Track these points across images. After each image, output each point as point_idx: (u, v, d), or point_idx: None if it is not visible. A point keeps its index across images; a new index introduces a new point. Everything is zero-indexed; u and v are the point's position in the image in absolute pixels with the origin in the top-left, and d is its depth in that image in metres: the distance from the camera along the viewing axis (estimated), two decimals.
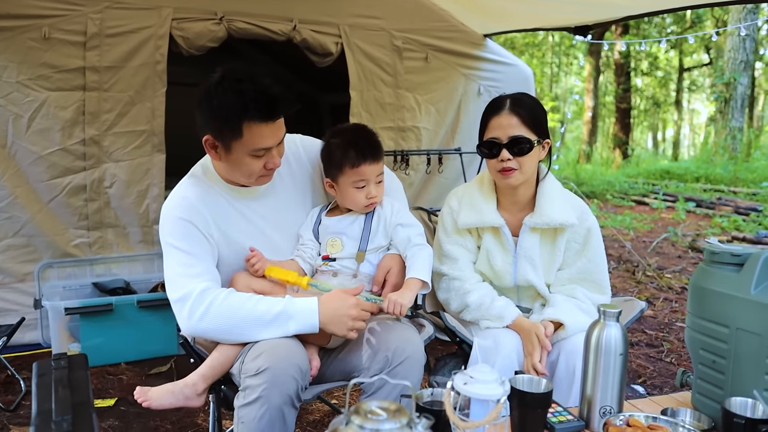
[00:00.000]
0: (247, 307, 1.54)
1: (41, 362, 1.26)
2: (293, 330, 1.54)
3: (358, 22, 3.70)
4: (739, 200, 8.97)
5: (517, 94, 1.83)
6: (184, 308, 1.53)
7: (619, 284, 4.86)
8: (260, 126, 1.53)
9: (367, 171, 1.68)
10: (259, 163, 1.59)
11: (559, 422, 1.38)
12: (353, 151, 1.66)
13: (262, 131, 1.54)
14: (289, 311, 1.54)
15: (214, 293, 1.54)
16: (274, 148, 1.60)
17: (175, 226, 1.61)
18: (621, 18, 3.59)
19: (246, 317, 1.53)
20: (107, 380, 2.90)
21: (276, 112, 1.54)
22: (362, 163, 1.67)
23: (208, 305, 1.52)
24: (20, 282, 3.15)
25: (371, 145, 1.70)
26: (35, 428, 1.03)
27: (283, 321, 1.53)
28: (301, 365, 1.48)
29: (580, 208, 1.88)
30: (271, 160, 1.60)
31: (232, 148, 1.57)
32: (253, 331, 1.54)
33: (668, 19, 17.31)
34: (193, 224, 1.61)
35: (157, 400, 1.57)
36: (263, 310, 1.54)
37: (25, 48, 2.97)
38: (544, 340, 1.71)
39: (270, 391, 1.42)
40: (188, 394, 1.58)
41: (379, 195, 1.73)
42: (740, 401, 1.29)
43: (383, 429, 0.83)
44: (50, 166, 3.10)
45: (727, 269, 1.39)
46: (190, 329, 1.55)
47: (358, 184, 1.68)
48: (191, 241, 1.60)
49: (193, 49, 3.32)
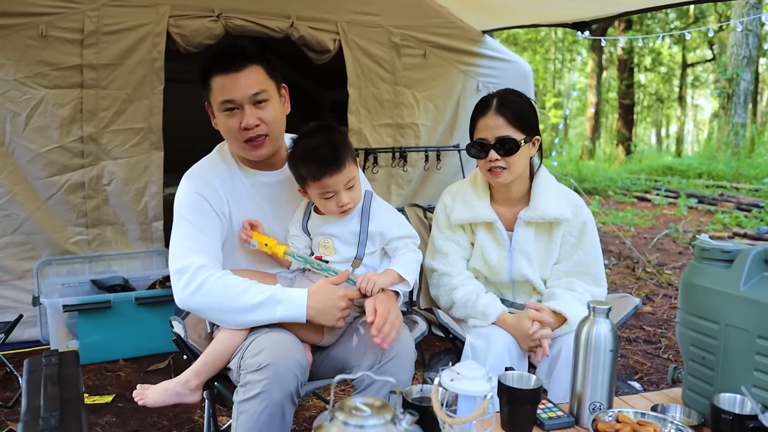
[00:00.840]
0: (239, 289, 1.55)
1: (32, 359, 1.27)
2: (279, 315, 1.56)
3: (356, 19, 3.69)
4: (741, 196, 8.94)
5: (504, 92, 1.83)
6: (180, 280, 1.55)
7: (618, 281, 4.86)
8: (223, 77, 1.58)
9: (331, 182, 1.59)
10: (233, 121, 1.61)
11: (549, 418, 1.38)
12: (313, 164, 1.59)
13: (224, 83, 1.58)
14: (277, 296, 1.56)
15: (211, 271, 1.56)
16: (247, 107, 1.59)
17: (189, 198, 1.64)
18: (620, 14, 3.58)
19: (236, 297, 1.54)
20: (105, 377, 2.91)
21: (234, 61, 1.58)
22: (323, 175, 1.58)
23: (202, 281, 1.54)
24: (19, 279, 3.16)
25: (332, 154, 1.58)
26: (24, 424, 1.03)
27: (271, 305, 1.55)
28: (302, 362, 1.50)
29: (574, 202, 1.89)
30: (245, 118, 1.59)
31: (213, 107, 1.65)
32: (240, 312, 1.55)
33: (671, 15, 17.24)
34: (205, 199, 1.64)
35: (151, 398, 1.61)
36: (253, 293, 1.56)
37: (22, 46, 2.97)
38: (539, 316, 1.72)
39: (271, 387, 1.43)
40: (181, 391, 1.60)
41: (353, 199, 1.65)
42: (729, 397, 1.30)
43: (367, 425, 0.83)
44: (48, 164, 3.11)
45: (717, 265, 1.39)
46: (183, 301, 1.57)
47: (326, 195, 1.63)
48: (201, 216, 1.62)
49: (191, 47, 3.32)
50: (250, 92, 1.59)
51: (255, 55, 1.62)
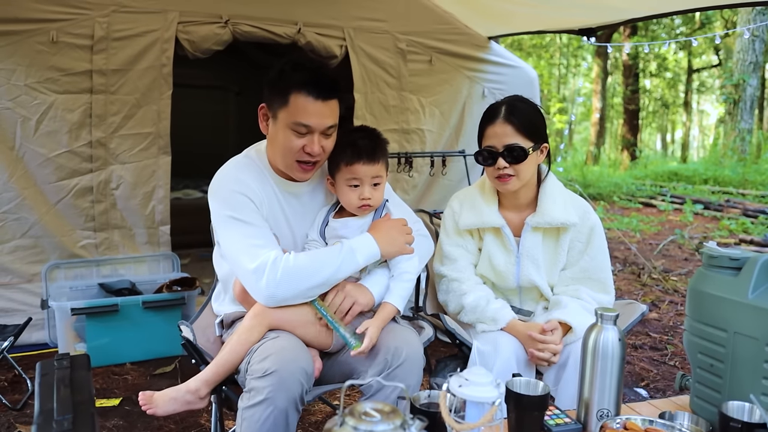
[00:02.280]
0: (317, 262, 1.59)
1: (44, 362, 1.28)
2: (362, 261, 1.63)
3: (363, 25, 3.71)
4: (748, 202, 8.91)
5: (513, 100, 1.84)
6: (261, 279, 1.55)
7: (624, 287, 4.85)
8: (306, 99, 1.58)
9: (361, 170, 1.67)
10: (298, 142, 1.62)
11: (556, 425, 1.38)
12: (350, 150, 1.67)
13: (308, 106, 1.59)
14: (351, 247, 1.62)
15: (283, 259, 1.57)
16: (317, 134, 1.62)
17: (233, 198, 1.65)
18: (625, 21, 3.59)
19: (318, 270, 1.58)
20: (112, 380, 2.92)
21: (323, 90, 1.60)
22: (356, 161, 1.66)
23: (282, 272, 1.55)
24: (28, 282, 3.18)
25: (369, 146, 1.69)
26: (37, 427, 1.05)
27: (351, 258, 1.61)
28: (307, 369, 1.50)
29: (582, 208, 1.89)
30: (311, 144, 1.61)
31: (278, 116, 1.63)
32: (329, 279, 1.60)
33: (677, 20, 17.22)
34: (248, 197, 1.65)
35: (161, 408, 1.59)
36: (330, 257, 1.60)
37: (33, 51, 3.01)
38: (542, 339, 1.72)
39: (276, 394, 1.43)
40: (190, 399, 1.59)
41: (375, 198, 1.71)
42: (737, 405, 1.29)
43: (377, 430, 0.84)
44: (57, 168, 3.14)
45: (725, 273, 1.39)
46: (269, 297, 1.57)
47: (352, 182, 1.68)
48: (250, 213, 1.64)
49: (199, 52, 3.35)
50: (327, 124, 1.62)
51: (339, 88, 1.66)
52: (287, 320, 1.62)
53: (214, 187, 1.69)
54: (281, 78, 1.62)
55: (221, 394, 1.69)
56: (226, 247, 1.64)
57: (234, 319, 1.78)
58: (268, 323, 1.60)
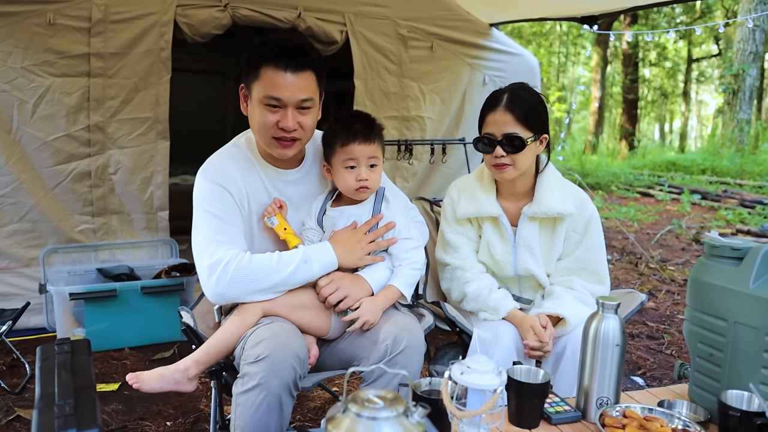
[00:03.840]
0: (270, 266, 1.58)
1: (44, 347, 1.28)
2: (317, 271, 1.61)
3: (363, 11, 3.68)
4: (745, 193, 8.92)
5: (516, 88, 1.82)
6: (212, 276, 1.55)
7: (621, 276, 4.87)
8: (276, 72, 1.56)
9: (357, 150, 1.65)
10: (271, 117, 1.60)
11: (556, 412, 1.39)
12: (345, 131, 1.66)
13: (277, 78, 1.56)
14: (306, 256, 1.60)
15: (238, 259, 1.56)
16: (291, 109, 1.59)
17: (210, 190, 1.64)
18: (627, 8, 3.57)
19: (271, 275, 1.57)
20: (111, 365, 2.93)
21: (292, 60, 1.57)
22: (352, 141, 1.65)
23: (233, 271, 1.55)
24: (25, 267, 3.18)
25: (365, 126, 1.68)
26: (38, 411, 1.05)
27: (306, 267, 1.59)
28: (300, 354, 1.49)
29: (579, 198, 1.89)
30: (285, 119, 1.59)
31: (252, 92, 1.62)
32: (280, 285, 1.59)
33: (678, 9, 17.13)
34: (226, 190, 1.64)
35: (147, 383, 1.56)
36: (284, 263, 1.59)
37: (29, 33, 2.97)
38: (541, 333, 1.73)
39: (269, 379, 1.43)
40: (178, 378, 1.58)
41: (372, 180, 1.68)
42: (736, 394, 1.30)
43: (380, 417, 0.84)
44: (55, 152, 3.12)
45: (727, 263, 1.39)
46: (218, 295, 1.57)
47: (348, 163, 1.66)
48: (223, 207, 1.63)
49: (198, 36, 3.31)
50: (299, 97, 1.59)
51: (313, 60, 1.63)
52: (282, 305, 1.62)
53: (198, 176, 1.68)
54: (253, 53, 1.60)
55: (221, 379, 1.69)
56: (193, 238, 1.64)
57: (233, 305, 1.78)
58: (262, 307, 1.61)
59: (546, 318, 1.77)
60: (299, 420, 2.45)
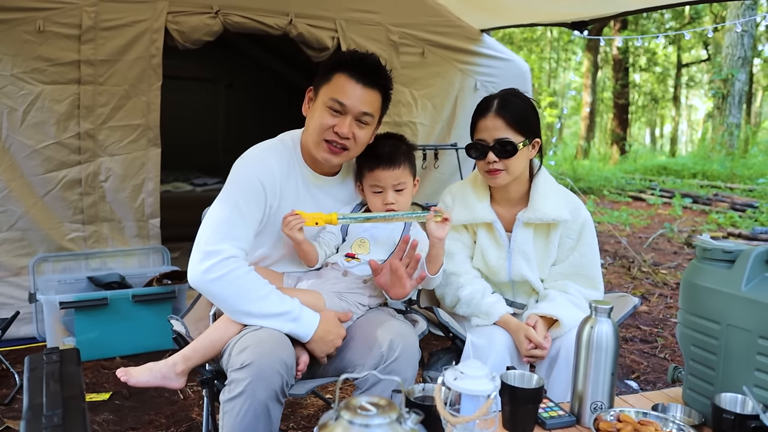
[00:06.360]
0: (260, 293, 1.56)
1: (33, 356, 1.26)
2: (287, 330, 1.57)
3: (354, 17, 3.69)
4: (736, 196, 8.99)
5: (506, 93, 1.83)
6: (204, 261, 1.55)
7: (614, 280, 4.88)
8: (348, 80, 1.62)
9: (382, 176, 1.73)
10: (330, 120, 1.63)
11: (550, 417, 1.38)
12: (371, 156, 1.75)
13: (347, 86, 1.62)
14: (295, 314, 1.57)
15: (238, 264, 1.56)
16: (350, 117, 1.62)
17: (249, 181, 1.64)
18: (617, 14, 3.60)
19: (255, 301, 1.55)
20: (102, 374, 2.90)
21: (365, 75, 1.62)
22: (377, 167, 1.73)
23: (228, 272, 1.54)
24: (15, 276, 3.14)
25: (390, 151, 1.74)
26: (26, 422, 1.03)
27: (285, 321, 1.56)
28: (287, 360, 1.48)
29: (573, 204, 1.89)
30: (342, 125, 1.62)
31: (319, 94, 1.67)
32: (253, 316, 1.56)
33: (667, 15, 17.29)
34: (263, 187, 1.64)
35: (135, 377, 1.58)
36: (273, 302, 1.57)
37: (19, 41, 2.95)
38: (535, 337, 1.73)
39: (254, 386, 1.42)
40: (166, 373, 1.58)
41: (399, 203, 1.75)
42: (730, 397, 1.30)
43: (372, 424, 0.83)
44: (45, 160, 3.09)
45: (719, 266, 1.39)
46: (197, 282, 1.56)
47: (375, 189, 1.75)
48: (250, 204, 1.63)
49: (189, 43, 3.31)
50: (362, 109, 1.63)
51: (385, 81, 1.68)
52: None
53: (240, 162, 1.69)
54: (331, 59, 1.69)
55: (213, 388, 1.67)
56: (209, 214, 1.64)
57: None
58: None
59: (536, 317, 1.77)
60: (292, 428, 2.43)
